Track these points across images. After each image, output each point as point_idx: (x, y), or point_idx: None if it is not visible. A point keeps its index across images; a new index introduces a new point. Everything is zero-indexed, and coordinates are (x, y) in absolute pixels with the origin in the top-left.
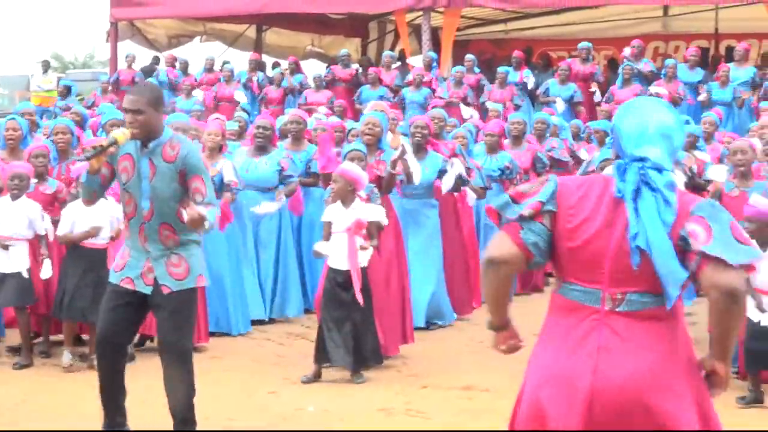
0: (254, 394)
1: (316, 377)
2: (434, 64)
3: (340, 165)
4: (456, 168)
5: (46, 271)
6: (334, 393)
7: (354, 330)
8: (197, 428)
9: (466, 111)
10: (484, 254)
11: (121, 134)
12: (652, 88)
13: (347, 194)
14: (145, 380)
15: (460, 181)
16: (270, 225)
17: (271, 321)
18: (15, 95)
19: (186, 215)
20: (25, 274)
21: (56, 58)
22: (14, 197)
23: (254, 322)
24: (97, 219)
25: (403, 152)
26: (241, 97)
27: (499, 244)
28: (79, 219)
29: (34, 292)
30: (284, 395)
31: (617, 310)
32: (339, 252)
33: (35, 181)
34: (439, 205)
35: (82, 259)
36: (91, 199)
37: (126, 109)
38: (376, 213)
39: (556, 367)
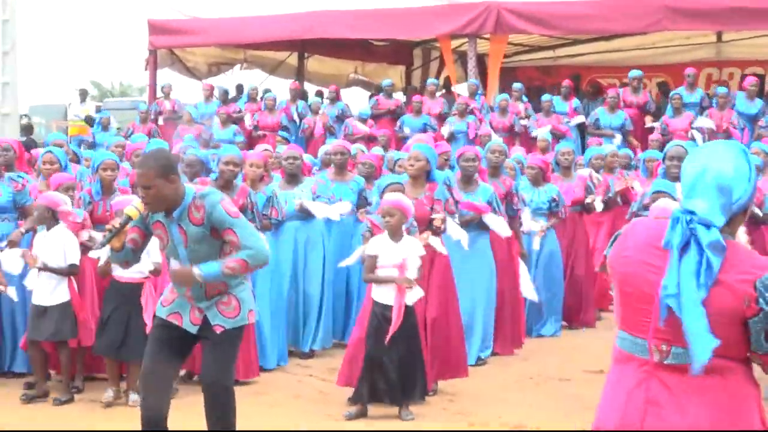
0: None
1: (361, 414)
2: (479, 91)
3: (389, 197)
4: (495, 220)
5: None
6: (380, 430)
7: (402, 365)
8: None
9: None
10: None
11: (134, 210)
12: (697, 122)
13: (400, 228)
14: (189, 416)
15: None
16: (315, 254)
17: (312, 354)
18: (52, 124)
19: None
20: (67, 307)
21: (94, 85)
22: (48, 227)
23: (294, 355)
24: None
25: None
26: (285, 119)
27: None
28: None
29: (77, 325)
30: None
31: (665, 362)
32: (386, 287)
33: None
34: (491, 237)
35: (116, 294)
36: (124, 267)
37: (136, 185)
38: (419, 248)
39: (607, 418)
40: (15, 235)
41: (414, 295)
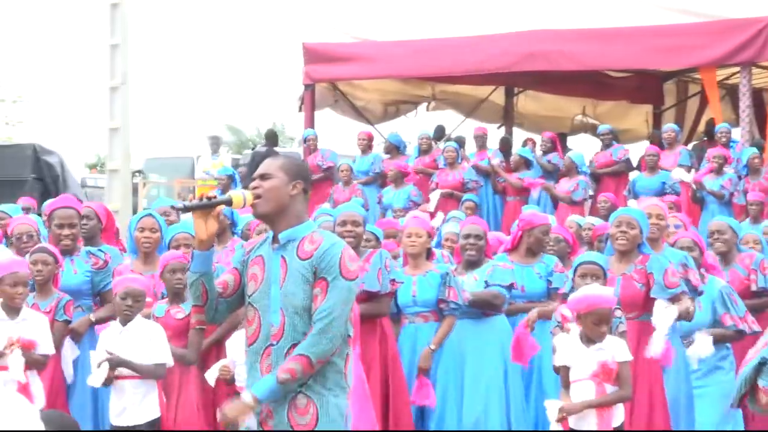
0: None
1: None
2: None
3: (584, 291)
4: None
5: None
6: None
7: None
8: None
9: None
10: None
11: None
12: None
13: (599, 330)
14: None
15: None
16: (486, 360)
17: None
18: (174, 184)
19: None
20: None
21: (232, 132)
22: (124, 321)
23: None
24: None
25: None
26: (471, 175)
27: None
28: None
29: None
30: None
31: None
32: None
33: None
34: None
35: None
36: (200, 305)
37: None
38: (624, 351)
39: None
40: (81, 323)
41: (619, 415)
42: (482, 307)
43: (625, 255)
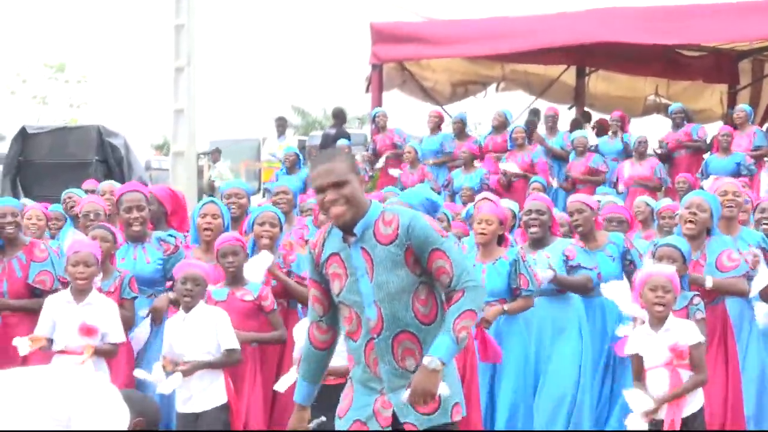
0: None
1: None
2: None
3: (646, 271)
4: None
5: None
6: None
7: None
8: None
9: None
10: None
11: None
12: None
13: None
14: None
15: None
16: (567, 343)
17: None
18: (240, 167)
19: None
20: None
21: (298, 113)
22: (186, 307)
23: None
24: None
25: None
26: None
27: None
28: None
29: None
30: None
31: None
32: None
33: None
34: None
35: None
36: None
37: (321, 187)
38: (695, 333)
39: None
40: (161, 300)
41: (698, 400)
42: (573, 291)
43: (695, 239)
